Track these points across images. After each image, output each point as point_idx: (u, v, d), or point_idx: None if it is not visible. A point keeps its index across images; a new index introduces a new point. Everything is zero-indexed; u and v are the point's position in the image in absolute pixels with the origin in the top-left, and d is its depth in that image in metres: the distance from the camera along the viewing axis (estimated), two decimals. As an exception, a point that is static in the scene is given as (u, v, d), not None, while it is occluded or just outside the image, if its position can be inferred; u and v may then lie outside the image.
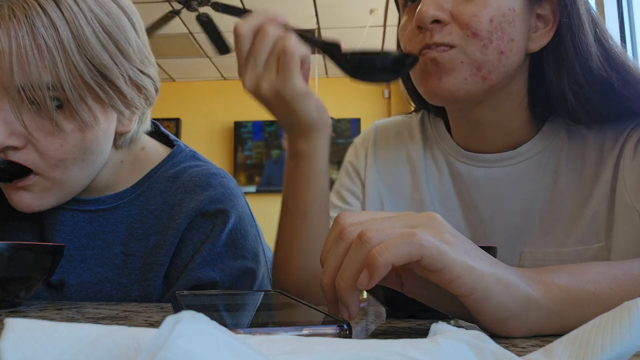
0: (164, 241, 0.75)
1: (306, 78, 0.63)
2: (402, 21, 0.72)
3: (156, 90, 0.75)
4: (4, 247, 0.56)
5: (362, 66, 0.60)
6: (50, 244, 0.61)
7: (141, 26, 0.73)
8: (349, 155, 0.88)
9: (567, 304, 0.43)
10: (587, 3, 0.68)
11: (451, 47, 0.64)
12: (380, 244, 0.38)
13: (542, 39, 0.68)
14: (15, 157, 0.65)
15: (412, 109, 0.89)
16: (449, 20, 0.64)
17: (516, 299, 0.41)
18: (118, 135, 0.75)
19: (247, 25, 0.60)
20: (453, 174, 0.77)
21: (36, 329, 0.22)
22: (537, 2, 0.67)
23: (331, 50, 0.60)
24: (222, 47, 4.09)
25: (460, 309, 0.43)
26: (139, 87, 0.71)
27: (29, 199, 0.68)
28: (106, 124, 0.70)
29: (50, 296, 0.76)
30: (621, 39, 1.90)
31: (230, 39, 4.20)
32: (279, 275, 0.71)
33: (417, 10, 0.65)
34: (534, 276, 0.44)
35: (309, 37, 0.61)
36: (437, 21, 0.64)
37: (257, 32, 0.60)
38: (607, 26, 0.70)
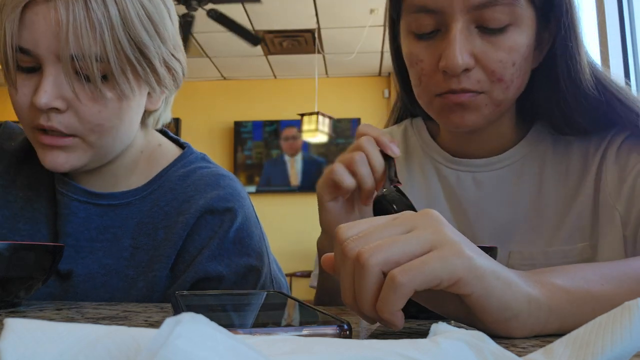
0: (172, 234, 0.78)
1: (367, 197, 0.63)
2: (411, 46, 0.68)
3: (183, 74, 0.81)
4: (4, 247, 0.56)
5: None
6: (51, 244, 0.61)
7: (175, 16, 0.80)
8: None
9: (566, 303, 0.43)
10: (581, 30, 0.69)
11: (479, 93, 0.65)
12: (378, 302, 0.38)
13: (538, 57, 0.70)
14: (56, 119, 0.70)
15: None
16: (475, 65, 0.64)
17: (518, 298, 0.41)
18: (147, 114, 0.81)
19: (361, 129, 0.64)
20: (441, 179, 0.79)
21: (36, 329, 0.22)
22: (542, 27, 0.68)
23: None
24: (252, 38, 3.97)
25: (459, 312, 0.43)
26: (169, 69, 0.77)
27: (63, 158, 0.73)
28: (140, 98, 0.76)
29: (59, 285, 0.77)
30: (621, 39, 1.91)
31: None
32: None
33: (447, 56, 0.62)
34: (531, 276, 0.44)
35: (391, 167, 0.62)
36: (466, 69, 0.64)
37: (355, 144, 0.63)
38: (607, 26, 0.71)
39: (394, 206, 0.58)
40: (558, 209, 0.72)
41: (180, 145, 0.91)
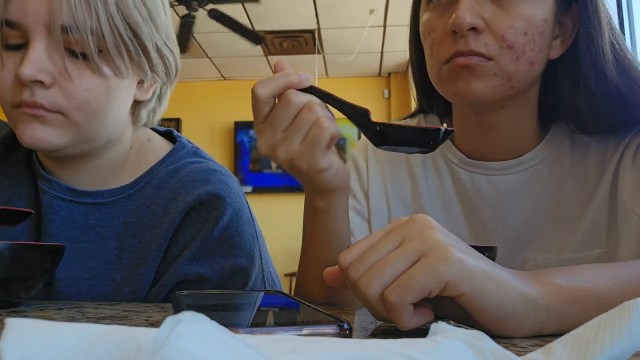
0: (158, 235, 0.74)
1: (329, 147, 0.57)
2: (426, 17, 0.69)
3: (176, 68, 0.79)
4: (4, 247, 0.56)
5: (390, 138, 0.55)
6: (50, 244, 0.61)
7: (169, 8, 0.80)
8: (350, 171, 0.85)
9: (566, 303, 0.43)
10: (607, 11, 0.67)
11: (488, 59, 0.64)
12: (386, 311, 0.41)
13: (561, 46, 0.68)
14: (40, 94, 0.67)
15: (412, 110, 0.88)
16: (485, 28, 0.64)
17: (512, 298, 0.40)
18: (137, 106, 0.78)
19: (266, 88, 0.53)
20: (455, 181, 0.77)
21: (36, 329, 0.22)
22: (562, 11, 0.67)
23: (357, 118, 0.56)
24: (254, 38, 3.85)
25: (458, 312, 0.43)
26: (162, 57, 0.76)
27: (42, 132, 0.68)
28: (129, 82, 0.74)
29: (42, 292, 0.73)
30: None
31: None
32: (303, 293, 0.70)
33: (455, 15, 0.63)
34: (531, 277, 0.44)
35: (337, 102, 0.56)
36: (473, 28, 0.63)
37: (280, 99, 0.54)
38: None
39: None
40: (574, 213, 0.70)
41: (173, 139, 0.86)
